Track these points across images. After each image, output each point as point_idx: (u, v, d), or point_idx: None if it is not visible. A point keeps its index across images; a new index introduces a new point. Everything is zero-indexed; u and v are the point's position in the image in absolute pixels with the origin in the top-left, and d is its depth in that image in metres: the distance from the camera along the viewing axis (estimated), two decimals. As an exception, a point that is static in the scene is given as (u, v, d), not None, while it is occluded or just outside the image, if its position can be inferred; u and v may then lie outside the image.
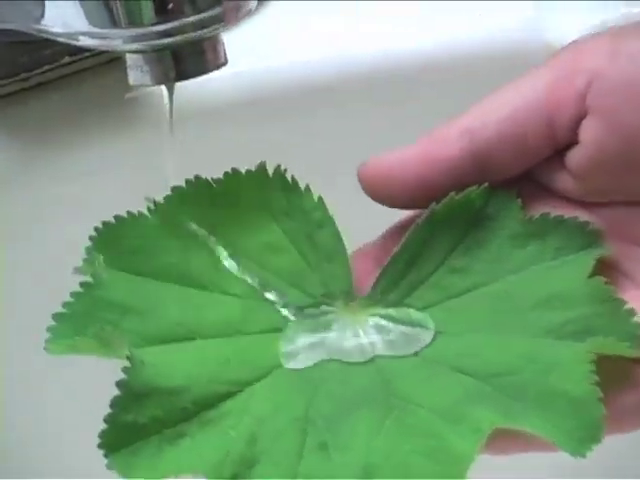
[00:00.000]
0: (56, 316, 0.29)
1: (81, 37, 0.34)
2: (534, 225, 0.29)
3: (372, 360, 0.29)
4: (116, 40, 0.32)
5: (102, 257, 0.29)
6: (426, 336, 0.29)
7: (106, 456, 0.27)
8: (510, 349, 0.28)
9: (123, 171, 0.42)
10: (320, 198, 0.30)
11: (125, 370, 0.27)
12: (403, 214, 0.31)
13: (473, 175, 0.29)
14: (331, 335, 0.29)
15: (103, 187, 0.36)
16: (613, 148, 0.27)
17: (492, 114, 0.28)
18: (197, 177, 0.31)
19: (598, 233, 0.29)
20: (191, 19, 0.33)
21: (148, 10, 0.33)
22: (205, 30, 0.33)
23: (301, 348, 0.29)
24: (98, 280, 0.29)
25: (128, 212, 0.30)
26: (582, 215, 0.29)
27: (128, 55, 0.37)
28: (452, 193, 0.29)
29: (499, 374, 0.27)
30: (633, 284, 0.29)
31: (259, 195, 0.31)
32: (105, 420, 0.27)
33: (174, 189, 0.31)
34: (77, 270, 0.29)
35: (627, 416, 0.28)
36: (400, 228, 0.31)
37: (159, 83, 0.40)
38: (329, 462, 0.27)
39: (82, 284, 0.29)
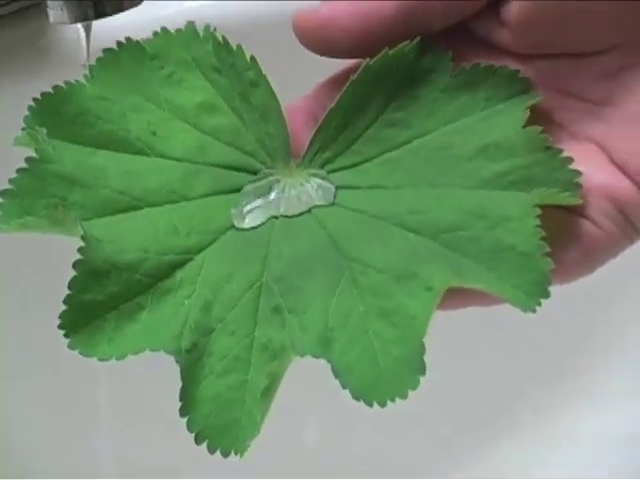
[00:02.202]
0: (3, 193, 0.28)
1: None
2: (465, 76, 0.29)
3: (313, 215, 0.29)
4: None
5: (45, 130, 0.28)
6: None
7: (66, 336, 0.27)
8: (455, 203, 0.28)
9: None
10: (253, 57, 0.29)
11: (80, 250, 0.27)
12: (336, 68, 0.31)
13: (408, 26, 0.28)
14: (272, 195, 0.29)
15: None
16: (548, 2, 0.27)
17: None
18: (128, 39, 0.30)
19: (528, 81, 0.28)
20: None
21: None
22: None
23: (246, 210, 0.29)
24: (43, 154, 0.28)
25: (65, 82, 0.29)
26: (516, 67, 0.29)
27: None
28: (386, 48, 0.28)
29: (446, 230, 0.27)
30: (567, 134, 0.29)
31: (189, 53, 0.30)
32: (64, 302, 0.27)
33: (105, 52, 0.30)
34: (16, 141, 0.29)
35: (570, 268, 0.28)
36: (331, 81, 0.31)
37: (77, 21, 0.40)
38: (285, 325, 0.27)
39: (27, 159, 0.28)
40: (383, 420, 0.49)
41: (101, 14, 0.41)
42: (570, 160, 0.27)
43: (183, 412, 0.27)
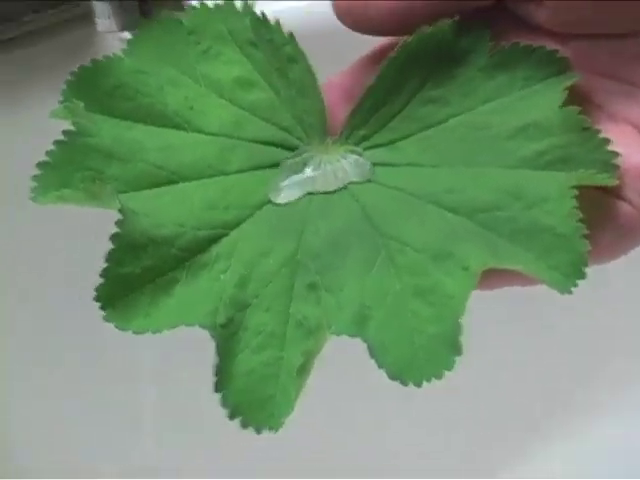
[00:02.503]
0: (41, 165, 0.28)
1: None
2: (504, 55, 0.29)
3: (350, 191, 0.29)
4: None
5: (82, 104, 0.28)
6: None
7: (102, 309, 0.27)
8: (491, 182, 0.28)
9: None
10: (291, 33, 0.29)
11: (118, 223, 0.27)
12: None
13: (449, 3, 0.28)
14: (308, 171, 0.30)
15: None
16: None
17: None
18: (165, 14, 0.30)
19: (566, 61, 0.28)
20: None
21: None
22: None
23: (282, 186, 0.29)
24: (80, 127, 0.28)
25: (104, 55, 0.29)
26: (555, 47, 0.29)
27: (95, 3, 0.38)
28: (424, 26, 0.28)
29: (483, 210, 0.27)
30: (606, 115, 0.29)
31: (226, 27, 0.30)
32: (101, 275, 0.27)
33: (143, 25, 0.30)
34: (53, 114, 0.29)
35: (605, 249, 0.29)
36: (369, 58, 0.31)
37: (125, 29, 0.41)
38: (320, 303, 0.28)
39: (65, 132, 0.28)
40: (419, 416, 0.48)
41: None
42: (607, 141, 0.27)
43: (218, 387, 0.27)
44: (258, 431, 0.27)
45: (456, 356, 0.26)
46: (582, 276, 0.26)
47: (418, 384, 0.26)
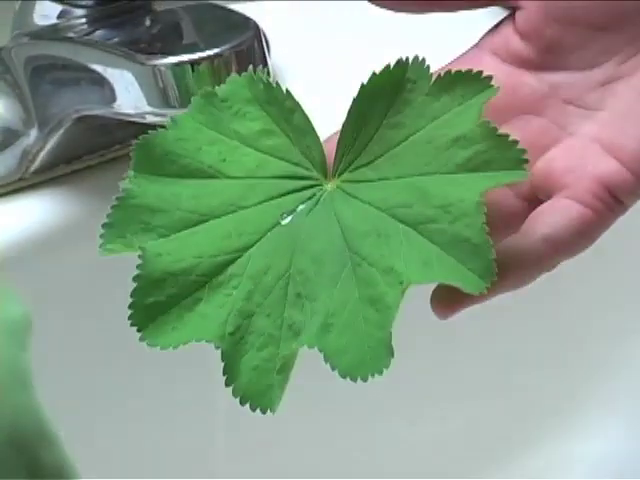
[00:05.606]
0: (104, 225, 0.35)
1: (147, 115, 0.46)
2: (443, 81, 0.35)
3: (335, 209, 0.35)
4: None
5: (133, 172, 0.35)
6: None
7: (139, 331, 0.34)
8: (432, 195, 0.34)
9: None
10: (287, 90, 0.36)
11: (138, 265, 0.34)
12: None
13: None
14: (314, 196, 0.36)
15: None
16: (552, 12, 0.36)
17: None
18: (205, 89, 0.36)
19: (489, 78, 0.34)
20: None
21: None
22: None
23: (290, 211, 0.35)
24: (128, 192, 0.35)
25: (151, 132, 0.36)
26: (533, 80, 0.37)
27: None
28: (374, 70, 0.35)
29: (424, 222, 0.33)
30: (567, 134, 0.37)
31: (251, 93, 0.36)
32: (129, 306, 0.34)
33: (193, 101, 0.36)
34: (121, 185, 0.36)
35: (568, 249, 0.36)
36: None
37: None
38: (303, 309, 0.34)
39: (117, 197, 0.35)
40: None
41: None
42: (516, 142, 0.33)
43: (228, 382, 0.33)
44: (263, 412, 0.33)
45: (391, 357, 0.32)
46: (493, 277, 0.32)
47: (365, 380, 0.32)
